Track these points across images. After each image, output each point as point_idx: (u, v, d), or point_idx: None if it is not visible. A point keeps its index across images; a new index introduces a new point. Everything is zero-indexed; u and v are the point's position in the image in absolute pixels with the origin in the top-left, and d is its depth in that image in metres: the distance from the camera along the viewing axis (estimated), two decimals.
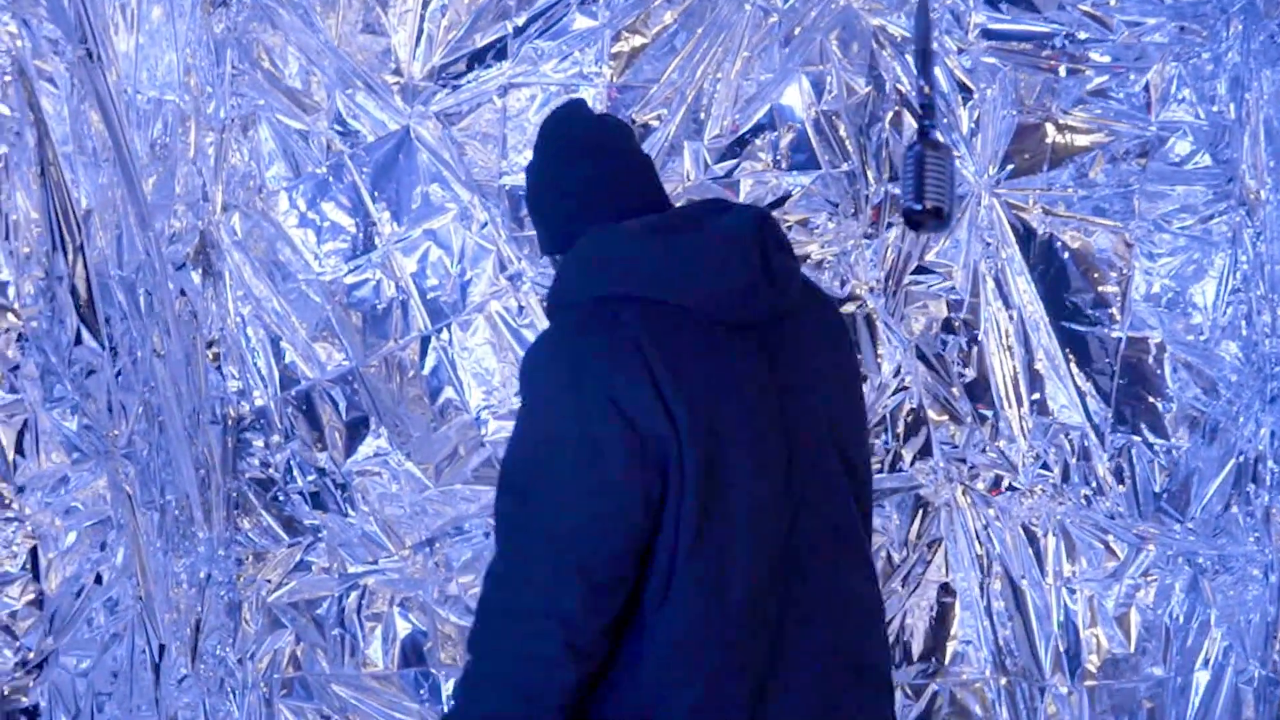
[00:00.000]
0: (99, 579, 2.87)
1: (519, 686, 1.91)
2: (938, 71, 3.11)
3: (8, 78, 2.66)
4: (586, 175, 2.11)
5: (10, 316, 2.73)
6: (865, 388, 3.18)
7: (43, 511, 2.79)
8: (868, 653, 2.07)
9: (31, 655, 2.76)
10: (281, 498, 3.30)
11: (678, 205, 2.19)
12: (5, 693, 2.74)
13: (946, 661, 3.17)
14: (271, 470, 3.30)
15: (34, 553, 2.79)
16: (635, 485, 1.88)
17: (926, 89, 2.09)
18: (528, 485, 1.93)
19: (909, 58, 3.03)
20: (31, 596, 2.79)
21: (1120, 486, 3.12)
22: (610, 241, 2.04)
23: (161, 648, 3.00)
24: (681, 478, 1.89)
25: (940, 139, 2.07)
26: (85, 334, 2.82)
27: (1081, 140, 3.11)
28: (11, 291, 2.72)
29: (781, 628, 1.97)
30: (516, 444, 1.97)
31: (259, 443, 3.30)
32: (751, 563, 1.95)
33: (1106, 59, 3.10)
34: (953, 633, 3.18)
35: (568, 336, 1.98)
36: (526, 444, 1.95)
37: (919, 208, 2.03)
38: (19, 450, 2.77)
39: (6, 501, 2.74)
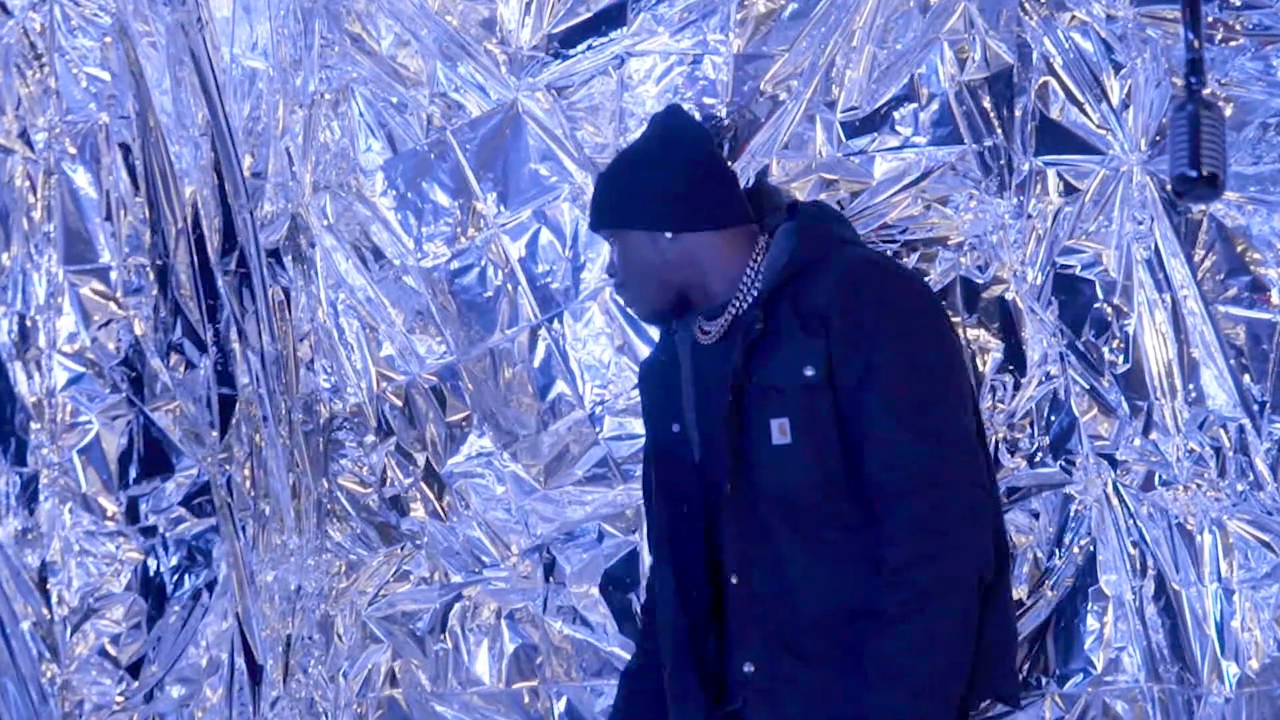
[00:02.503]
0: (202, 596, 2.60)
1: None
2: (1085, 41, 2.93)
3: (108, 39, 2.38)
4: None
5: (112, 306, 2.46)
6: (1008, 377, 3.00)
7: (147, 523, 2.52)
8: None
9: (136, 684, 2.48)
10: (376, 503, 3.06)
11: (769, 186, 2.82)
12: None
13: (1099, 669, 2.97)
14: (366, 473, 3.06)
15: (138, 569, 2.52)
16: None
17: (1196, 44, 1.89)
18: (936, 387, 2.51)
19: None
20: (136, 621, 2.51)
21: (1278, 482, 2.94)
22: (826, 205, 2.83)
23: (259, 669, 2.75)
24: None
25: (1213, 99, 1.86)
26: (185, 326, 2.56)
27: (1237, 113, 2.92)
28: (114, 276, 2.45)
29: None
30: (909, 361, 2.46)
31: (352, 443, 3.06)
32: None
33: (1262, 29, 2.91)
34: (1105, 638, 2.98)
35: (894, 267, 2.62)
36: (919, 359, 2.48)
37: (1195, 174, 1.83)
38: (123, 455, 2.50)
39: (110, 514, 2.46)
